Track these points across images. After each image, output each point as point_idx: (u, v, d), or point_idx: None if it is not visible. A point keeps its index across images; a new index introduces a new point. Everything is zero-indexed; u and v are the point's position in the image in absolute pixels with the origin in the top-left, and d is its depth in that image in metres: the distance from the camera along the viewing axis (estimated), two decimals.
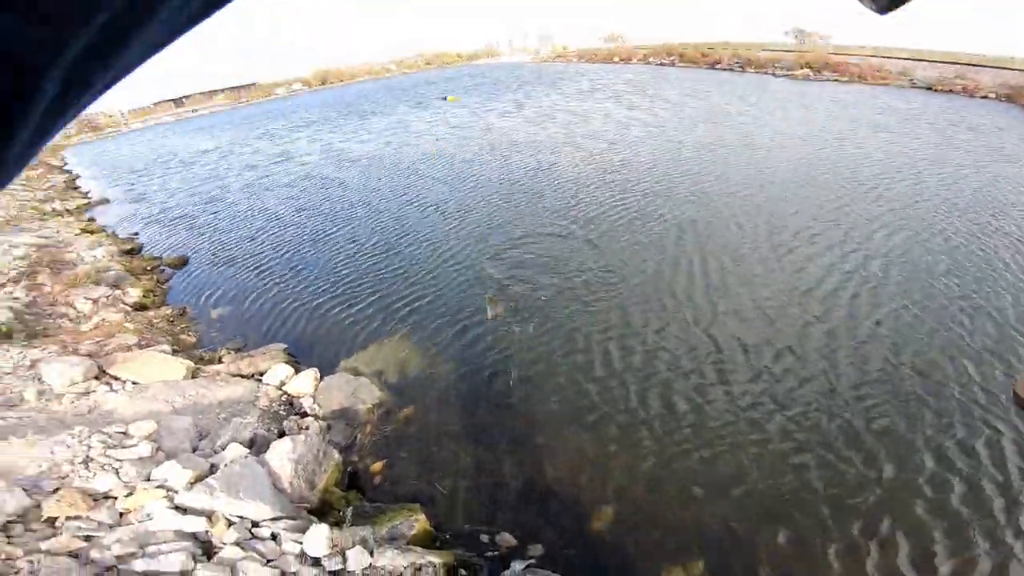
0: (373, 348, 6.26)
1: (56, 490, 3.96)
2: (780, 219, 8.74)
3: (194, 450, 4.59)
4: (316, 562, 3.49)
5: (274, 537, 3.69)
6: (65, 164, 26.47)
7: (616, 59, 43.32)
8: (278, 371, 5.61)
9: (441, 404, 5.28)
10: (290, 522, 3.80)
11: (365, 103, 36.34)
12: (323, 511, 4.08)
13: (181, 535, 3.63)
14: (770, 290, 6.68)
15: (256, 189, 16.07)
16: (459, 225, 10.04)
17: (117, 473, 4.16)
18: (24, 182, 19.89)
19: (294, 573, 3.40)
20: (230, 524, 3.72)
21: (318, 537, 3.56)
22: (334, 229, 10.99)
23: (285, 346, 6.30)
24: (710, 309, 6.35)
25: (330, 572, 3.42)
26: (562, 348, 5.88)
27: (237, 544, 3.55)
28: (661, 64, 38.14)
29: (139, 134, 37.83)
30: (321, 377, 5.56)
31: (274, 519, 3.81)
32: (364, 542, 3.59)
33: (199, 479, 4.02)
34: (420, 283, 7.80)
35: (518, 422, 4.93)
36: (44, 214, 14.75)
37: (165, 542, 3.55)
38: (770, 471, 4.19)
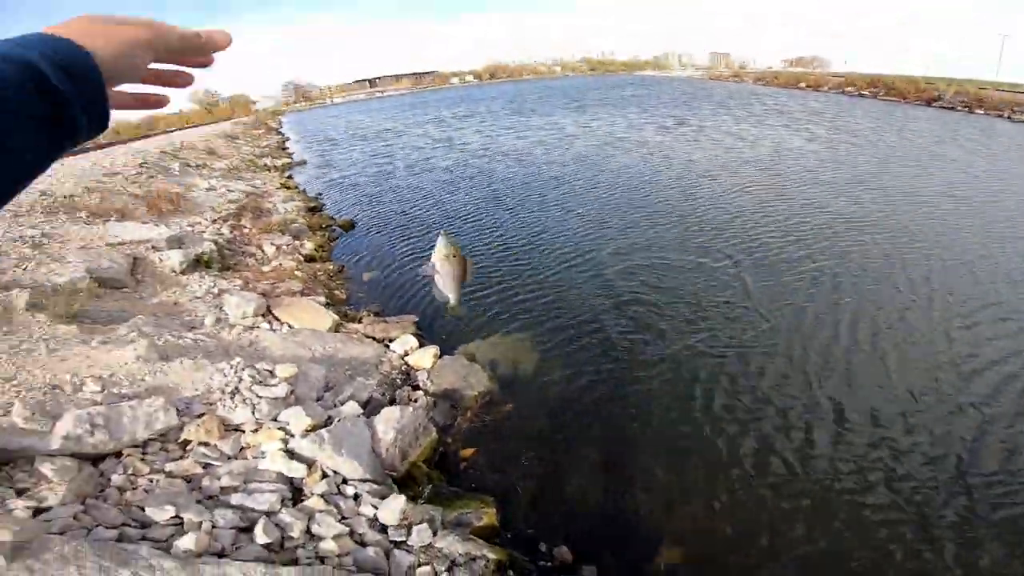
0: (492, 338, 6.52)
1: (201, 415, 4.19)
2: (963, 288, 7.28)
3: (318, 400, 4.82)
4: (383, 529, 3.57)
5: (356, 497, 3.78)
6: (281, 127, 31.76)
7: (803, 84, 39.21)
8: (405, 341, 6.04)
9: (542, 407, 5.33)
10: (374, 486, 3.92)
11: (527, 101, 37.68)
12: (405, 483, 4.20)
13: (281, 478, 3.78)
14: (922, 363, 5.71)
15: (418, 169, 17.69)
16: (594, 233, 10.01)
17: (254, 409, 4.36)
18: (250, 139, 24.51)
19: (361, 534, 3.50)
20: (323, 476, 3.85)
21: (394, 507, 3.62)
22: (476, 216, 11.68)
23: (416, 319, 6.81)
24: (844, 369, 5.65)
25: (391, 541, 3.50)
26: (674, 378, 5.61)
27: (322, 496, 3.69)
28: (860, 95, 33.62)
29: (339, 108, 43.77)
30: (440, 355, 5.89)
31: (362, 480, 3.93)
32: (431, 521, 3.64)
33: (314, 428, 4.18)
34: (547, 284, 7.94)
35: (612, 443, 4.81)
36: (258, 168, 17.92)
37: (265, 481, 3.71)
38: (862, 545, 3.70)
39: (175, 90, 0.65)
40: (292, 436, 4.13)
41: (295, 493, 3.77)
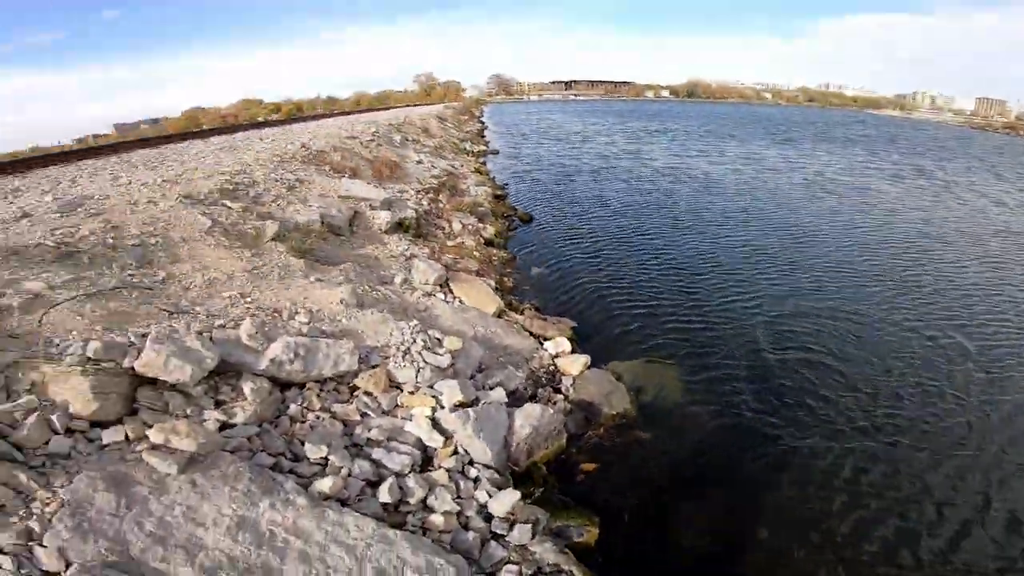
0: (642, 361, 6.31)
1: (375, 366, 4.50)
2: None
3: (471, 378, 5.04)
4: (488, 518, 3.63)
5: (476, 481, 3.87)
6: (482, 116, 34.68)
7: None
8: (559, 343, 6.14)
9: (674, 445, 5.02)
10: (495, 476, 4.01)
11: (726, 124, 35.32)
12: (522, 479, 4.25)
13: (418, 444, 3.99)
14: None
15: (601, 176, 17.81)
16: (779, 276, 9.06)
17: (418, 372, 4.64)
18: (457, 123, 27.32)
19: (467, 517, 3.60)
20: (454, 453, 4.00)
21: (506, 500, 3.67)
22: (650, 234, 11.37)
23: (574, 324, 6.88)
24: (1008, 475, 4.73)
25: (492, 532, 3.57)
26: (824, 450, 4.97)
27: (448, 472, 3.84)
28: None
29: (535, 105, 46.17)
30: (589, 366, 5.88)
31: (486, 466, 4.03)
32: (535, 524, 3.64)
33: (461, 405, 4.38)
34: (713, 319, 7.43)
35: (735, 501, 4.43)
36: (459, 150, 19.83)
37: (404, 443, 3.93)
38: None
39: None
40: (442, 407, 4.36)
41: (424, 462, 3.97)
